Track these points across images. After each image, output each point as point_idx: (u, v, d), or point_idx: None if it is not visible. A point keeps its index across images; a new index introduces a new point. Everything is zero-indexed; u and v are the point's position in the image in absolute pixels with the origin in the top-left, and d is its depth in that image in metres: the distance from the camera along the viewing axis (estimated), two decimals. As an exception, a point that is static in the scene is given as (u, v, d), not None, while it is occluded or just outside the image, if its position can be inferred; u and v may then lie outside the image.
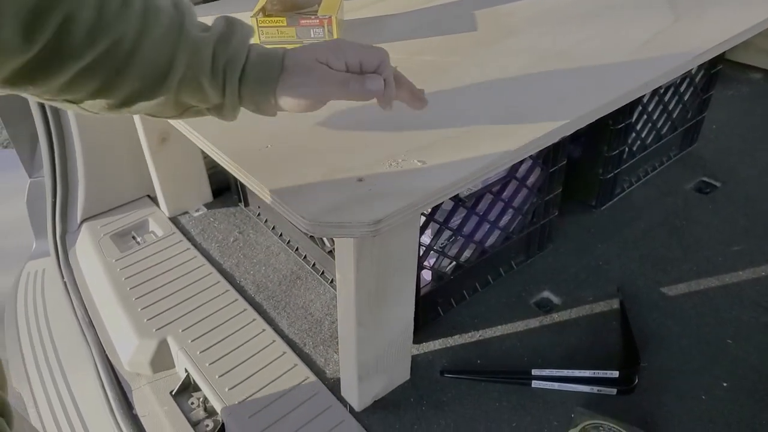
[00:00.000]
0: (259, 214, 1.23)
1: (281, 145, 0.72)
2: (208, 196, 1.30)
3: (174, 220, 1.24)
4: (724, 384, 0.86)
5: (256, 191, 0.66)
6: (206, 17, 0.54)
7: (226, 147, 0.73)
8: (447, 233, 0.92)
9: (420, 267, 0.88)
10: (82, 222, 1.23)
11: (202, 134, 0.75)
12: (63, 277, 1.14)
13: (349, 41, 0.59)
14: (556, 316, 0.98)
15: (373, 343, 0.78)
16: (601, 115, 0.80)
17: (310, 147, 0.72)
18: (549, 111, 0.77)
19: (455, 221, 0.92)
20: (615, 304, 0.99)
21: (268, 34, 0.96)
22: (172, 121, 0.80)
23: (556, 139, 0.75)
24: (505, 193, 0.96)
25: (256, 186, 0.66)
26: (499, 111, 0.78)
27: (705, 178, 1.29)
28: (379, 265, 0.71)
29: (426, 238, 0.89)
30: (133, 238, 1.21)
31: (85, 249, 1.18)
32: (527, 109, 0.78)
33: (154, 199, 1.29)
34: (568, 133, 0.77)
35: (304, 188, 0.64)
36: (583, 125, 0.78)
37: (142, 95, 0.52)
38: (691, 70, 1.20)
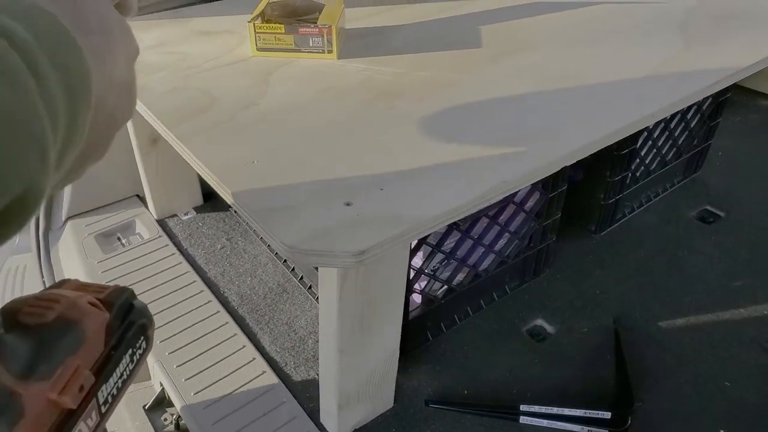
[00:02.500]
0: (248, 222, 1.20)
1: (269, 162, 0.69)
2: (198, 199, 1.26)
3: (162, 222, 1.21)
4: (722, 431, 0.82)
5: (238, 210, 0.63)
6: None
7: (210, 159, 0.69)
8: (439, 256, 0.88)
9: (410, 291, 0.84)
10: (66, 219, 1.20)
11: (188, 145, 0.72)
12: (42, 276, 1.11)
13: None
14: (549, 347, 0.94)
15: (355, 372, 0.75)
16: (605, 145, 0.77)
17: (299, 164, 0.68)
18: (552, 137, 0.74)
19: (449, 244, 0.88)
20: (610, 336, 0.96)
21: (265, 41, 0.92)
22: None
23: (557, 169, 0.72)
24: (501, 217, 0.92)
25: (238, 205, 0.63)
26: (500, 134, 0.74)
27: (708, 207, 1.26)
28: (364, 291, 0.67)
29: (417, 261, 0.86)
30: (119, 239, 1.18)
31: (68, 248, 1.14)
32: (529, 133, 0.75)
33: (143, 199, 1.25)
34: (571, 163, 0.74)
35: (288, 210, 0.61)
36: (586, 155, 0.74)
37: None
38: (701, 96, 1.17)
